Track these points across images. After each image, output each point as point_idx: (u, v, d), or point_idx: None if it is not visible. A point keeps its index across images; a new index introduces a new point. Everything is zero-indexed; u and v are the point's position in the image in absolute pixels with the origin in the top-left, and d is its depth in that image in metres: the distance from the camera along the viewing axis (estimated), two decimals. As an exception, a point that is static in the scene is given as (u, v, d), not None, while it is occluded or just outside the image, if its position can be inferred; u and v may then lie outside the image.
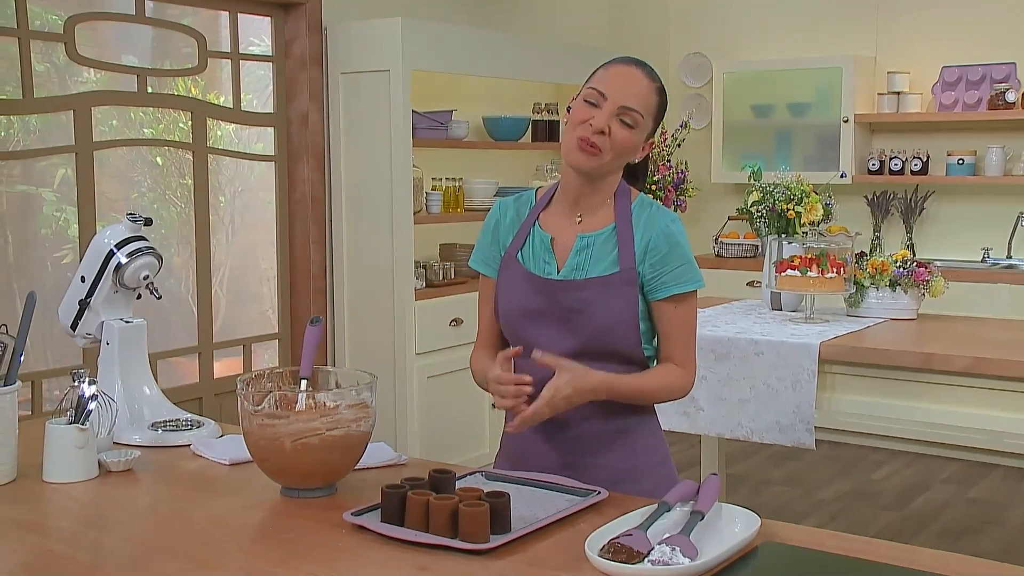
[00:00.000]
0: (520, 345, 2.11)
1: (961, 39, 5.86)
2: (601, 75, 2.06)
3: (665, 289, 2.05)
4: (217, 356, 4.83)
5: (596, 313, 2.03)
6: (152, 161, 4.79)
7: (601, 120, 2.00)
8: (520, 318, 2.10)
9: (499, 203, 2.23)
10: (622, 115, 2.01)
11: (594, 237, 2.09)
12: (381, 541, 1.75)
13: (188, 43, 4.73)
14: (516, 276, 2.12)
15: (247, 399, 1.94)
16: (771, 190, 3.88)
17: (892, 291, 3.73)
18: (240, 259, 5.11)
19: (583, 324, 2.04)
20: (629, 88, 2.03)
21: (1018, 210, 5.73)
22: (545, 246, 2.11)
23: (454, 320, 5.02)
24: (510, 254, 2.14)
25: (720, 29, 6.56)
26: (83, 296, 2.44)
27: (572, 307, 2.05)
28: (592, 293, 2.04)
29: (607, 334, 2.04)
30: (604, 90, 2.02)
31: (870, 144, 6.15)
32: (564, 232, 2.12)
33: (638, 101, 2.03)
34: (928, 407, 3.27)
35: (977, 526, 4.61)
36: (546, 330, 2.07)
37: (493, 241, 2.19)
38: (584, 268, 2.07)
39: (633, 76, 2.04)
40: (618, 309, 2.03)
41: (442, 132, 5.10)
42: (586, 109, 2.03)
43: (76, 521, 1.93)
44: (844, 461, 5.47)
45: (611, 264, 2.06)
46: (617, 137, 2.01)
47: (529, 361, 2.08)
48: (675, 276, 2.05)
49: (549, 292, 2.07)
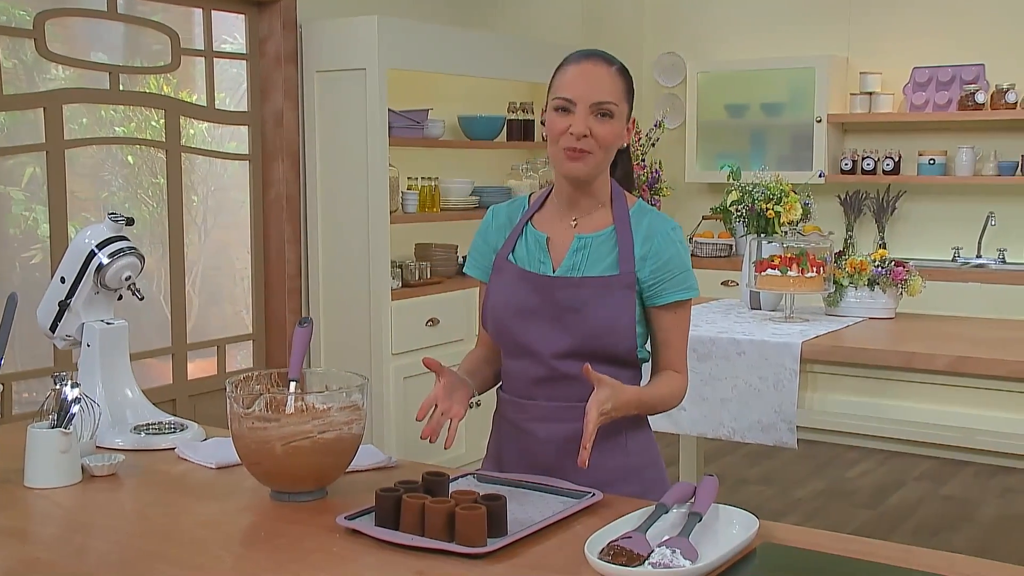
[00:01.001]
0: (509, 346, 2.09)
1: (931, 40, 5.92)
2: (561, 82, 2.04)
3: (666, 296, 2.04)
4: (190, 357, 4.77)
5: (593, 313, 2.02)
6: (123, 160, 4.72)
7: (580, 125, 1.99)
8: (512, 317, 2.08)
9: (492, 209, 2.23)
10: (597, 111, 2.00)
11: (592, 238, 2.07)
12: (376, 545, 1.73)
13: (159, 40, 4.67)
14: (509, 276, 2.10)
15: (237, 402, 1.91)
16: (750, 190, 3.88)
17: (871, 290, 3.75)
18: (213, 259, 5.05)
19: (578, 323, 2.02)
20: (593, 83, 2.01)
21: (988, 210, 5.79)
22: (540, 245, 2.10)
23: (430, 320, 4.99)
24: (502, 256, 2.13)
25: (694, 29, 6.57)
26: (63, 297, 2.39)
27: (568, 305, 2.03)
28: (590, 292, 2.02)
29: (604, 335, 2.02)
30: (570, 96, 2.00)
31: (843, 144, 6.19)
32: (560, 233, 2.11)
33: (607, 92, 2.01)
34: (910, 406, 3.29)
35: (951, 523, 4.64)
36: (539, 328, 2.05)
37: (485, 245, 2.18)
38: (581, 268, 2.06)
39: (591, 70, 2.02)
40: (616, 311, 2.02)
41: (418, 131, 5.07)
42: (561, 119, 2.01)
43: (62, 527, 1.88)
44: (819, 459, 5.50)
45: (610, 266, 2.04)
46: (601, 133, 2.00)
47: (524, 363, 2.07)
48: (676, 283, 2.05)
49: (544, 289, 2.05)
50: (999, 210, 5.77)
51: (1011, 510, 4.81)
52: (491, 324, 2.13)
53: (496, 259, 2.14)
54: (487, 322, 2.14)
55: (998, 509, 4.82)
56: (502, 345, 2.14)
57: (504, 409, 2.17)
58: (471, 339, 5.21)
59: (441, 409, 1.96)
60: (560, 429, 2.07)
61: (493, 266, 2.14)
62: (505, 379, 2.18)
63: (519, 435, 2.11)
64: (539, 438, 2.09)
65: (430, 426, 1.95)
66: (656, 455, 2.17)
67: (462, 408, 2.00)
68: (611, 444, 2.08)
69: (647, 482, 2.07)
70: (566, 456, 2.07)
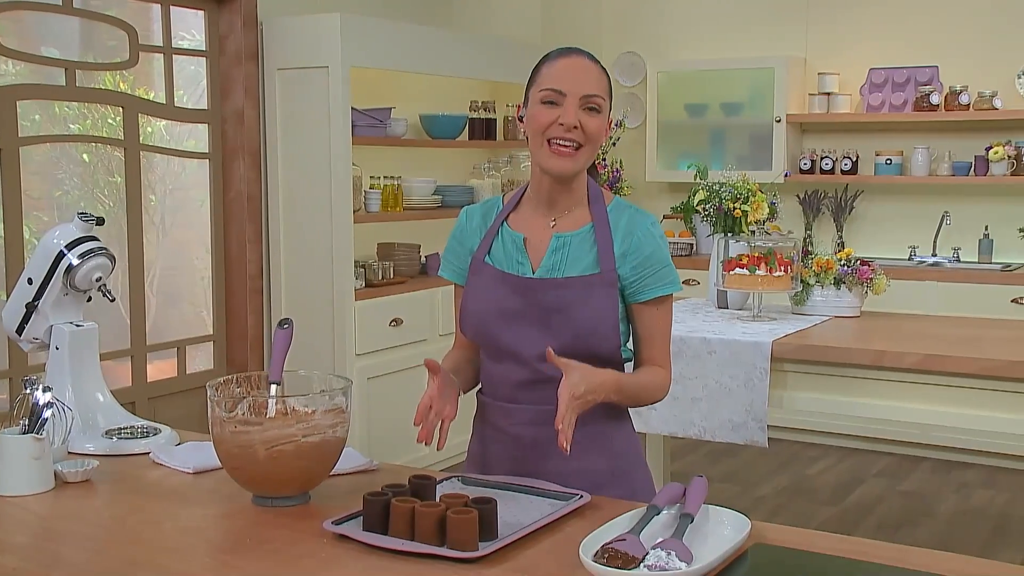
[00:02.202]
0: (490, 350, 2.06)
1: (887, 42, 5.99)
2: (550, 73, 2.00)
3: (648, 291, 2.03)
4: (149, 359, 4.68)
5: (577, 313, 2.00)
6: (78, 158, 4.63)
7: (570, 115, 1.96)
8: (495, 319, 2.05)
9: (465, 210, 2.19)
10: (586, 104, 1.98)
11: (570, 237, 2.05)
12: (365, 550, 1.70)
13: (113, 36, 4.58)
14: (488, 278, 2.07)
15: (219, 405, 1.87)
16: (717, 189, 3.89)
17: (837, 289, 3.78)
18: (171, 259, 4.97)
19: (563, 324, 2.00)
20: (584, 77, 1.99)
21: (943, 209, 5.87)
22: (517, 246, 2.07)
23: (394, 320, 4.96)
24: (478, 258, 2.10)
25: (653, 29, 6.59)
26: (30, 299, 2.33)
27: (551, 306, 2.01)
28: (572, 293, 2.00)
29: (589, 335, 2.00)
30: (561, 87, 1.97)
31: (801, 144, 6.25)
32: (537, 233, 2.08)
33: (597, 86, 1.99)
34: (878, 403, 3.32)
35: (912, 518, 4.70)
36: (523, 331, 2.02)
37: (460, 247, 2.15)
38: (561, 268, 2.03)
39: (582, 64, 2.00)
40: (600, 310, 2.00)
41: (381, 130, 5.03)
42: (548, 111, 1.98)
43: (37, 536, 1.83)
44: (780, 457, 5.54)
45: (591, 265, 2.02)
46: (590, 126, 1.98)
47: (507, 366, 2.05)
48: (657, 278, 2.03)
49: (526, 291, 2.03)
50: (954, 210, 5.85)
51: (968, 505, 4.88)
52: (471, 327, 2.10)
53: (472, 261, 2.11)
54: (465, 326, 2.11)
55: (956, 504, 4.89)
56: (483, 349, 2.11)
57: (488, 414, 2.13)
58: (435, 339, 5.19)
59: (435, 411, 1.93)
60: (548, 432, 2.04)
61: (469, 268, 2.11)
62: (486, 383, 2.15)
63: (506, 440, 2.09)
64: (527, 443, 2.06)
65: (426, 429, 1.91)
66: (642, 457, 2.16)
67: (454, 408, 1.97)
68: (596, 446, 2.07)
69: (635, 483, 2.07)
70: (556, 459, 2.05)
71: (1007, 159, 5.62)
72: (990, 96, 5.65)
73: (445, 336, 5.24)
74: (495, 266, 2.07)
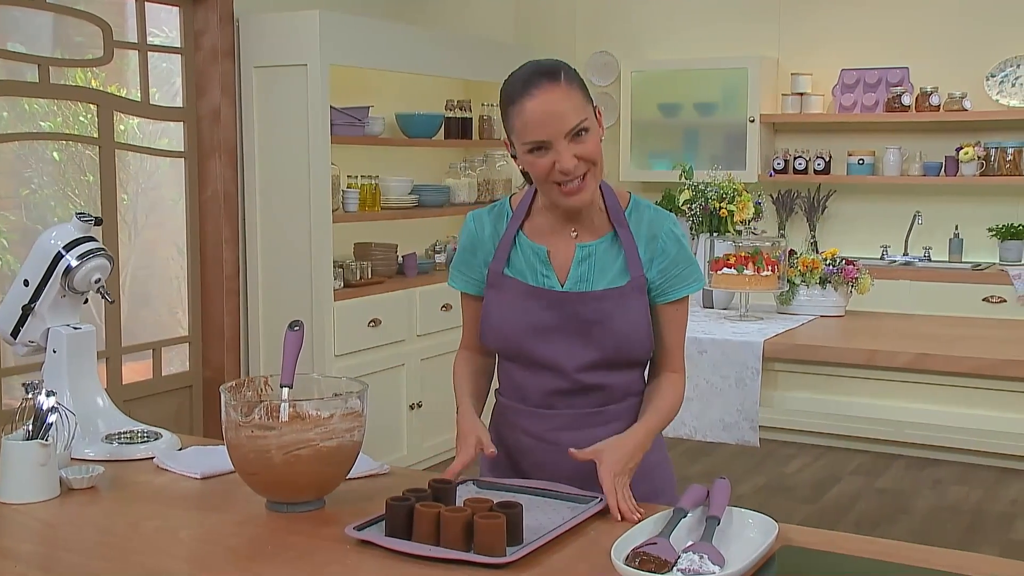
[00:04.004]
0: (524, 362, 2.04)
1: (858, 43, 6.04)
2: (523, 124, 1.88)
3: (674, 292, 2.02)
4: (123, 360, 4.61)
5: (616, 324, 1.99)
6: (48, 156, 4.54)
7: (566, 161, 1.88)
8: (528, 335, 2.02)
9: (472, 217, 2.12)
10: (575, 133, 1.89)
11: (594, 246, 2.02)
12: (389, 556, 1.67)
13: (82, 32, 4.49)
14: (514, 292, 2.03)
15: (235, 409, 1.83)
16: (703, 189, 3.90)
17: (822, 288, 3.79)
18: (143, 259, 4.89)
19: (603, 335, 1.99)
20: (558, 114, 1.86)
21: (914, 209, 5.93)
22: (541, 259, 2.03)
23: (373, 321, 4.92)
24: (496, 270, 2.05)
25: (627, 28, 6.60)
26: (26, 301, 2.28)
27: (590, 319, 1.99)
28: (610, 304, 1.99)
29: (628, 343, 2.00)
30: (544, 137, 1.88)
31: (774, 144, 6.29)
32: (560, 244, 2.04)
33: (575, 112, 1.88)
34: (868, 402, 3.34)
35: (889, 515, 4.75)
36: (562, 345, 2.00)
37: (473, 256, 2.10)
38: (589, 279, 2.01)
39: (549, 101, 1.86)
40: (635, 318, 2.00)
41: (359, 129, 4.99)
42: (541, 159, 1.90)
43: (48, 544, 1.79)
44: (757, 455, 5.57)
45: (619, 273, 2.00)
46: (587, 151, 1.90)
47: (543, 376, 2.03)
48: (683, 278, 2.03)
49: (560, 305, 2.00)
50: (924, 209, 5.92)
51: (944, 501, 4.94)
52: (498, 341, 2.06)
53: (490, 273, 2.06)
54: (490, 339, 2.07)
55: (931, 500, 4.94)
56: (515, 360, 2.07)
57: (517, 419, 2.09)
58: (412, 339, 5.16)
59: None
60: (586, 436, 2.02)
61: (487, 280, 2.07)
62: (513, 388, 2.10)
63: (540, 445, 2.06)
64: (564, 446, 2.00)
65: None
66: (665, 453, 2.16)
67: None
68: None
69: (658, 481, 2.06)
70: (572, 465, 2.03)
71: (976, 160, 5.70)
72: (960, 97, 5.72)
73: (423, 337, 5.21)
74: (519, 279, 2.04)
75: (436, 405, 5.17)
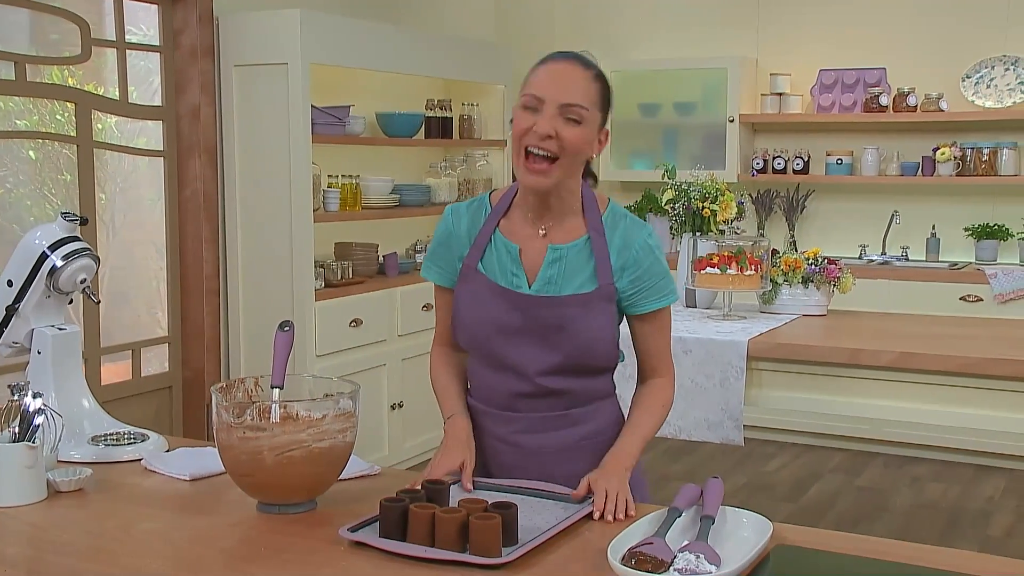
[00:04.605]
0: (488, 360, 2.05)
1: (836, 44, 6.08)
2: (532, 79, 1.94)
3: (646, 304, 2.02)
4: (101, 361, 4.56)
5: (577, 330, 1.98)
6: (24, 155, 4.49)
7: (544, 125, 1.89)
8: (493, 335, 2.02)
9: (451, 210, 2.12)
10: (565, 113, 1.90)
11: (566, 249, 2.01)
12: (385, 558, 1.66)
13: (59, 29, 4.44)
14: (483, 289, 2.03)
15: (227, 411, 1.81)
16: (686, 188, 3.91)
17: (804, 288, 3.81)
18: (120, 259, 4.85)
19: (564, 341, 1.99)
20: (566, 84, 1.91)
21: (892, 208, 5.98)
22: (512, 257, 2.03)
23: (354, 321, 4.90)
24: (469, 265, 2.05)
25: (607, 28, 6.61)
26: (10, 302, 2.25)
27: (552, 324, 1.99)
28: (573, 311, 1.98)
29: (587, 350, 1.99)
30: (540, 93, 1.90)
31: (753, 144, 6.31)
32: (531, 243, 2.03)
33: (579, 95, 1.91)
34: (852, 401, 3.36)
35: (869, 512, 4.78)
36: (525, 347, 2.00)
37: (448, 250, 2.10)
38: (558, 283, 2.00)
39: (566, 71, 1.92)
40: (599, 326, 1.99)
41: (339, 128, 4.96)
42: (527, 116, 1.92)
43: (37, 547, 1.76)
44: (737, 454, 5.59)
45: (588, 279, 1.99)
46: (567, 137, 1.90)
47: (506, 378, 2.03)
48: (655, 291, 2.02)
49: (524, 307, 2.00)
50: (902, 209, 5.96)
51: (923, 498, 4.97)
52: (466, 338, 2.07)
53: (463, 267, 2.06)
54: (460, 335, 2.08)
55: (911, 498, 4.98)
56: (480, 358, 2.08)
57: (484, 421, 2.10)
58: (394, 339, 5.14)
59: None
60: (548, 439, 2.04)
61: (460, 273, 2.07)
62: (480, 389, 2.12)
63: (505, 448, 2.07)
64: (528, 450, 2.05)
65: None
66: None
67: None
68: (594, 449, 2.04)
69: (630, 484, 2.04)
70: (556, 465, 2.04)
71: (953, 160, 5.74)
72: (936, 98, 5.77)
73: (404, 337, 5.19)
74: (488, 276, 2.03)
75: (417, 405, 5.16)
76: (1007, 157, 5.67)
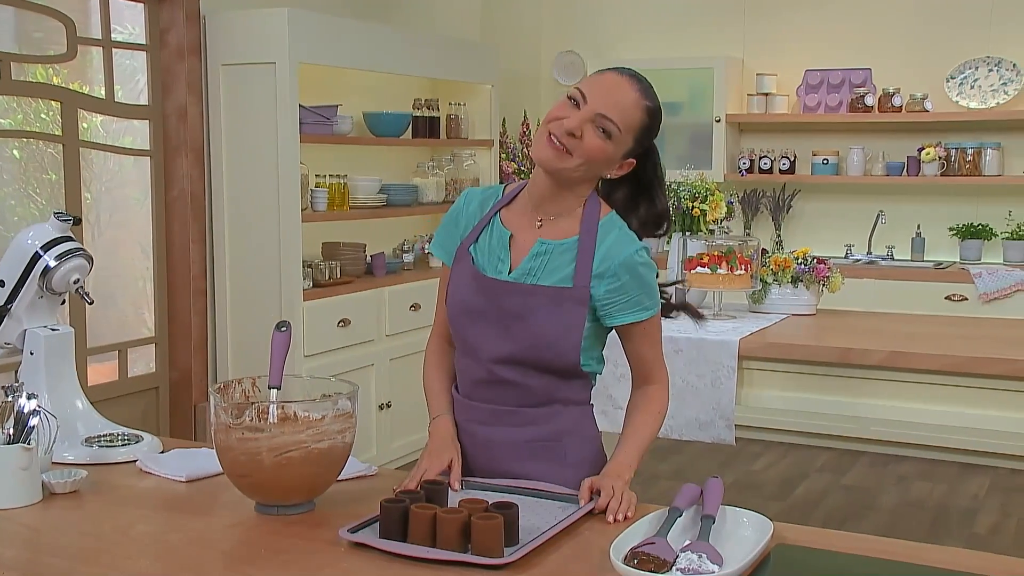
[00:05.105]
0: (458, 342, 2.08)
1: (822, 44, 6.11)
2: (591, 78, 1.98)
3: (617, 317, 1.98)
4: (88, 362, 4.53)
5: (537, 324, 1.97)
6: (8, 154, 4.45)
7: (574, 122, 1.90)
8: (460, 315, 2.05)
9: (467, 192, 2.15)
10: (598, 122, 1.90)
11: (554, 245, 2.01)
12: (385, 558, 1.66)
13: (43, 27, 4.41)
14: (464, 270, 2.06)
15: (226, 411, 1.80)
16: (676, 188, 3.92)
17: (794, 287, 3.83)
18: (105, 259, 4.81)
19: (521, 332, 1.98)
20: (613, 97, 1.92)
21: (877, 208, 6.01)
22: (503, 243, 2.04)
23: (342, 321, 4.88)
24: (464, 246, 2.08)
25: (593, 28, 6.62)
26: (3, 302, 2.23)
27: (512, 312, 1.98)
28: (538, 302, 1.97)
29: (547, 347, 1.97)
30: (587, 93, 1.92)
31: (740, 143, 6.33)
32: (524, 232, 2.04)
33: (619, 112, 1.91)
34: (842, 400, 3.38)
35: (856, 511, 4.80)
36: (484, 330, 2.01)
37: (455, 229, 2.12)
38: (536, 275, 2.00)
39: (621, 86, 1.94)
40: (563, 325, 1.97)
41: (327, 128, 4.95)
42: (565, 107, 1.93)
43: (33, 550, 1.75)
44: (724, 453, 5.60)
45: (565, 278, 1.98)
46: (588, 144, 1.90)
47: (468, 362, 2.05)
48: (630, 305, 1.98)
49: (492, 292, 2.01)
50: (888, 209, 5.99)
51: (909, 496, 5.00)
52: (449, 317, 2.09)
53: (459, 247, 2.09)
54: (448, 312, 2.10)
55: (897, 496, 5.00)
56: (455, 341, 2.11)
57: (455, 408, 2.13)
58: (381, 339, 5.13)
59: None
60: (496, 433, 2.04)
61: (456, 252, 2.09)
62: (457, 375, 2.15)
63: (463, 436, 2.08)
64: (479, 440, 2.06)
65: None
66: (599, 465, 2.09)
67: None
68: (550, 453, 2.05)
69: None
70: (503, 461, 2.04)
71: (938, 160, 5.78)
72: (921, 99, 5.80)
73: (392, 337, 5.18)
74: (474, 259, 2.05)
75: (406, 405, 5.15)
76: (991, 157, 5.71)
